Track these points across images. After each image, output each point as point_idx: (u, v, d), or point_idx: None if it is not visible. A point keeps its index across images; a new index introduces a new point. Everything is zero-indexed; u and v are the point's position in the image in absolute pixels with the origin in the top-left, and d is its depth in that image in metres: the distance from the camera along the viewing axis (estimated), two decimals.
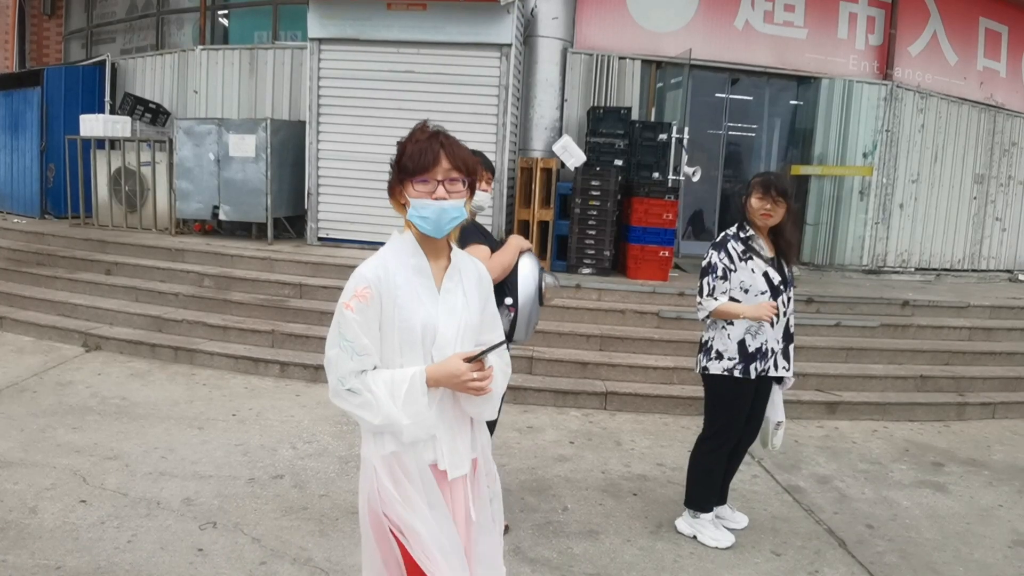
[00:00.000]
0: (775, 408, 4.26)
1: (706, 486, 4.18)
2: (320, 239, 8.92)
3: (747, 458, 5.49)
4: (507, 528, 4.08)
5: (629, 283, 7.73)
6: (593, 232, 7.86)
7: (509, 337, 3.37)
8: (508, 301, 3.39)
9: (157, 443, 5.00)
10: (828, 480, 5.21)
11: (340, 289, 7.15)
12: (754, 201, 3.88)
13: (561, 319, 7.16)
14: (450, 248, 2.29)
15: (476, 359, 2.10)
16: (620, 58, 9.24)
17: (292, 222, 9.44)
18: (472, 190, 2.25)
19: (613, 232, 7.95)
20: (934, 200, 10.49)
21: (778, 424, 4.32)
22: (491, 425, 3.52)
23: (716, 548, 4.07)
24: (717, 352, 4.00)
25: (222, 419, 5.56)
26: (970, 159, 10.85)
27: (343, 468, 4.79)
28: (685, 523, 4.23)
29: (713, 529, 4.16)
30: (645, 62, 9.41)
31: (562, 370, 6.59)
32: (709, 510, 4.18)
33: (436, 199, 2.12)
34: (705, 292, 3.97)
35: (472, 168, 2.22)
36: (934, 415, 6.82)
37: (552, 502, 4.49)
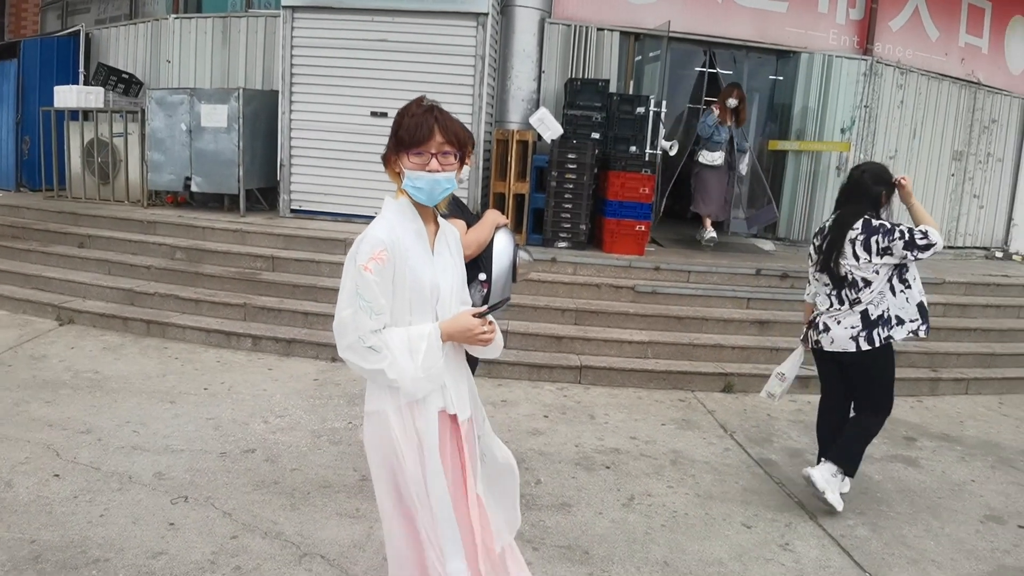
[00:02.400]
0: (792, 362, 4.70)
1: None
2: (293, 211, 8.79)
3: (720, 432, 5.53)
4: None
5: (605, 257, 7.69)
6: (569, 206, 7.79)
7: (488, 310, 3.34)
8: (482, 277, 3.42)
9: (129, 417, 4.94)
10: (800, 453, 5.23)
11: (313, 262, 7.08)
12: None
13: (536, 293, 7.11)
14: (436, 214, 2.45)
15: (484, 315, 2.34)
16: (598, 29, 9.12)
17: (265, 194, 9.29)
18: (463, 163, 2.40)
19: (589, 206, 7.89)
20: (912, 177, 10.42)
21: (781, 376, 4.74)
22: None
23: (830, 507, 4.25)
24: (898, 318, 4.25)
25: (194, 393, 5.48)
26: (949, 136, 10.84)
27: (315, 442, 4.73)
28: (828, 479, 4.27)
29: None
30: (624, 34, 9.29)
31: (537, 344, 6.55)
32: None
33: (430, 171, 2.28)
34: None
35: (464, 142, 2.37)
36: (907, 390, 6.85)
37: (525, 475, 4.45)
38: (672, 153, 8.50)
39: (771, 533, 4.04)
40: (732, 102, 8.38)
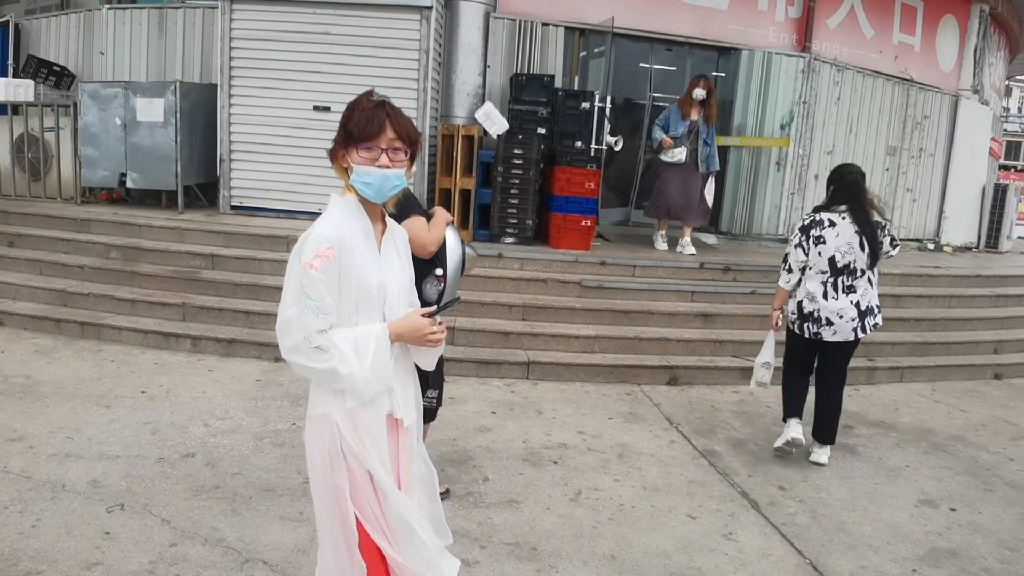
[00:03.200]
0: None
1: None
2: (233, 208, 8.59)
3: (665, 424, 5.60)
4: (446, 492, 4.07)
5: (551, 252, 7.70)
6: (516, 201, 7.78)
7: (438, 304, 3.36)
8: (439, 272, 3.51)
9: (63, 423, 4.76)
10: (743, 444, 5.32)
11: (254, 259, 6.92)
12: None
13: (484, 289, 7.09)
14: (384, 212, 2.39)
15: (433, 315, 2.28)
16: (544, 24, 9.12)
17: (205, 190, 9.07)
18: (413, 160, 2.32)
19: (536, 201, 7.89)
20: None
21: (767, 365, 5.23)
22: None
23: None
24: (878, 307, 5.04)
25: (131, 397, 5.32)
26: (883, 131, 11.15)
27: (257, 445, 4.64)
28: (828, 455, 5.11)
29: None
30: (568, 29, 9.31)
31: (484, 340, 6.53)
32: None
33: (379, 167, 2.20)
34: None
35: (415, 139, 2.29)
36: (846, 380, 7.03)
37: (472, 473, 4.45)
38: (617, 148, 8.55)
39: (715, 523, 4.10)
40: (699, 93, 7.97)
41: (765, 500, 4.45)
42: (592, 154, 8.17)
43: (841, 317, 4.86)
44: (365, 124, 2.20)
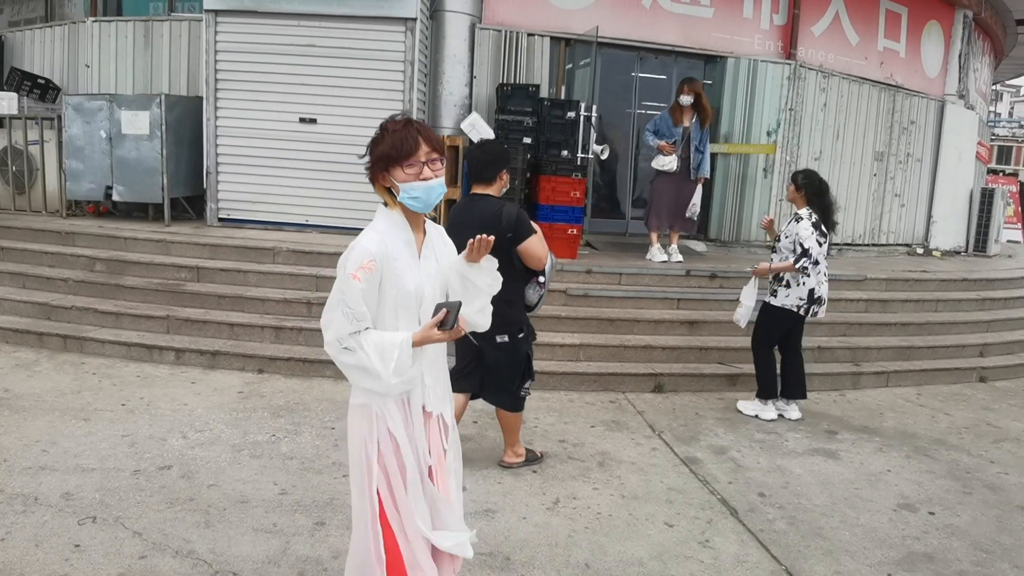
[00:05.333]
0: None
1: None
2: (220, 220, 8.60)
3: (648, 432, 5.60)
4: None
5: None
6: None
7: (535, 306, 4.48)
8: (540, 279, 4.33)
9: (39, 436, 4.76)
10: (725, 451, 5.32)
11: (240, 271, 6.97)
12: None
13: None
14: (425, 220, 2.60)
15: (442, 326, 2.41)
16: (529, 35, 9.15)
17: (192, 202, 9.07)
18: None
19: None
20: (835, 177, 10.75)
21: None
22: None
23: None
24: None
25: (110, 409, 5.32)
26: (870, 137, 11.19)
27: (235, 456, 4.63)
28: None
29: None
30: (554, 39, 9.34)
31: None
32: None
33: (423, 180, 2.42)
34: None
35: (443, 149, 2.51)
36: (830, 385, 7.06)
37: None
38: (603, 157, 8.57)
39: (692, 531, 4.09)
40: (685, 99, 7.92)
41: (744, 507, 4.45)
42: (578, 163, 8.19)
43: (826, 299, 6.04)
44: (401, 144, 2.39)
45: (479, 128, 8.04)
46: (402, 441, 2.47)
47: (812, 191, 5.88)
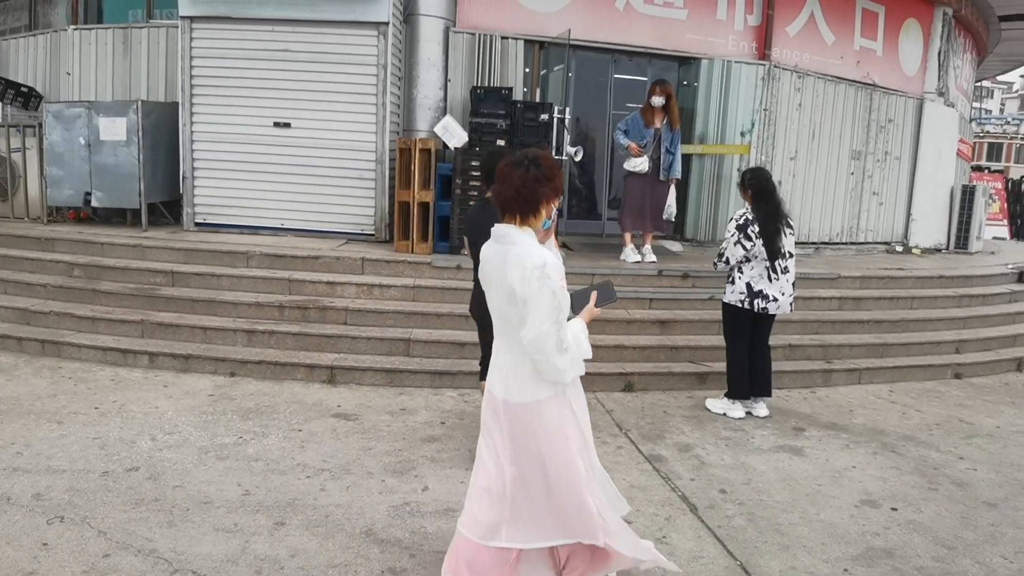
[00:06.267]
0: None
1: None
2: (197, 225, 8.64)
3: (615, 431, 5.65)
4: None
5: None
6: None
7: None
8: None
9: (14, 439, 4.82)
10: (690, 448, 5.37)
11: (213, 276, 7.02)
12: None
13: (441, 300, 7.15)
14: None
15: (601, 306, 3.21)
16: (503, 38, 9.20)
17: (170, 207, 9.11)
18: None
19: None
20: (812, 176, 10.86)
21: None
22: None
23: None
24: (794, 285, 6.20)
25: (84, 412, 5.37)
26: (847, 136, 11.26)
27: (201, 458, 4.67)
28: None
29: None
30: (528, 42, 9.39)
31: (440, 351, 6.59)
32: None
33: (556, 206, 3.07)
34: None
35: None
36: (801, 382, 7.11)
37: (413, 483, 4.49)
38: (577, 159, 8.62)
39: (650, 528, 4.13)
40: (657, 100, 7.97)
41: (704, 503, 4.50)
42: None
43: (783, 294, 6.02)
44: (562, 182, 3.03)
45: (452, 131, 8.09)
46: (583, 417, 3.08)
47: (757, 192, 5.92)
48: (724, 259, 5.96)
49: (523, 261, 2.80)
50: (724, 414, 6.12)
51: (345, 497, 4.25)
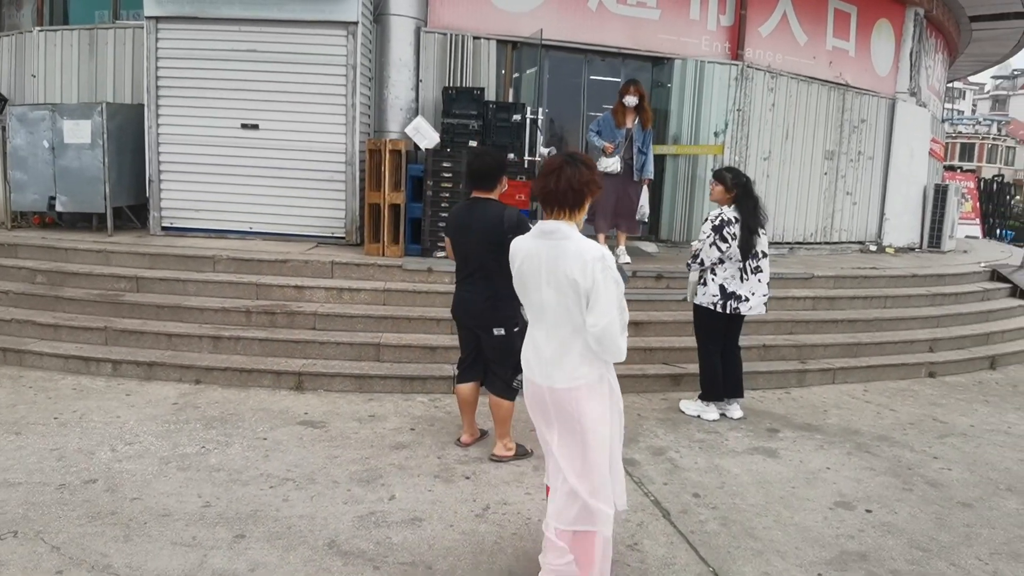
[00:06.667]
0: None
1: None
2: (164, 229, 8.47)
3: None
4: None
5: None
6: (446, 215, 7.74)
7: None
8: None
9: None
10: (663, 451, 5.30)
11: (179, 281, 6.87)
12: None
13: (412, 304, 7.05)
14: None
15: None
16: (475, 38, 9.11)
17: (136, 211, 8.93)
18: None
19: None
20: (786, 177, 10.86)
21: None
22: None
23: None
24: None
25: (43, 423, 5.21)
26: (820, 136, 11.28)
27: (162, 469, 4.54)
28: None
29: None
30: (501, 42, 9.31)
31: (411, 356, 6.47)
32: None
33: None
34: None
35: None
36: (775, 383, 7.08)
37: (379, 492, 4.38)
38: None
39: (621, 534, 4.05)
40: (631, 100, 7.90)
41: (677, 508, 4.43)
42: (525, 166, 8.17)
43: (754, 294, 5.95)
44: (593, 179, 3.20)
45: (423, 132, 8.00)
46: (618, 395, 3.28)
47: (742, 190, 5.83)
48: (699, 261, 5.89)
49: (582, 255, 3.01)
50: (698, 416, 6.07)
51: (309, 507, 4.13)
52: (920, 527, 4.40)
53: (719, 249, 5.77)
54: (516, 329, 4.78)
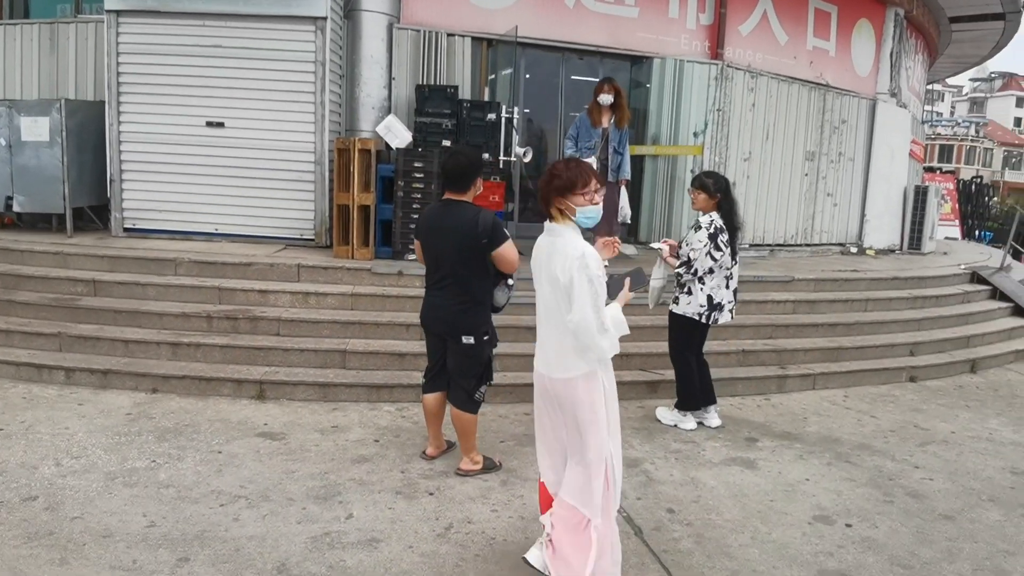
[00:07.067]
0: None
1: None
2: (126, 230, 8.17)
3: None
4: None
5: None
6: (418, 216, 7.51)
7: (502, 307, 4.77)
8: (510, 281, 4.69)
9: None
10: (638, 463, 5.11)
11: (138, 284, 6.57)
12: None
13: (381, 308, 6.81)
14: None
15: (634, 290, 3.61)
16: (449, 35, 8.89)
17: (99, 212, 8.63)
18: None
19: None
20: (766, 178, 10.71)
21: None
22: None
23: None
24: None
25: None
26: (801, 137, 11.14)
27: (107, 486, 4.29)
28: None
29: None
30: (476, 39, 9.09)
31: (378, 363, 6.24)
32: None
33: (594, 204, 3.29)
34: None
35: (603, 182, 3.55)
36: (755, 389, 6.91)
37: (336, 510, 4.15)
38: (526, 160, 8.35)
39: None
40: (605, 98, 7.76)
41: (650, 525, 4.24)
42: (500, 166, 7.96)
43: (728, 302, 5.83)
44: (577, 177, 3.25)
45: (395, 131, 7.77)
46: (612, 398, 3.36)
47: (724, 194, 5.62)
48: (692, 269, 5.62)
49: (566, 251, 3.17)
50: (675, 425, 5.88)
51: (260, 527, 3.90)
52: (901, 542, 4.24)
53: (713, 258, 5.56)
54: (486, 337, 4.60)
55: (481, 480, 4.65)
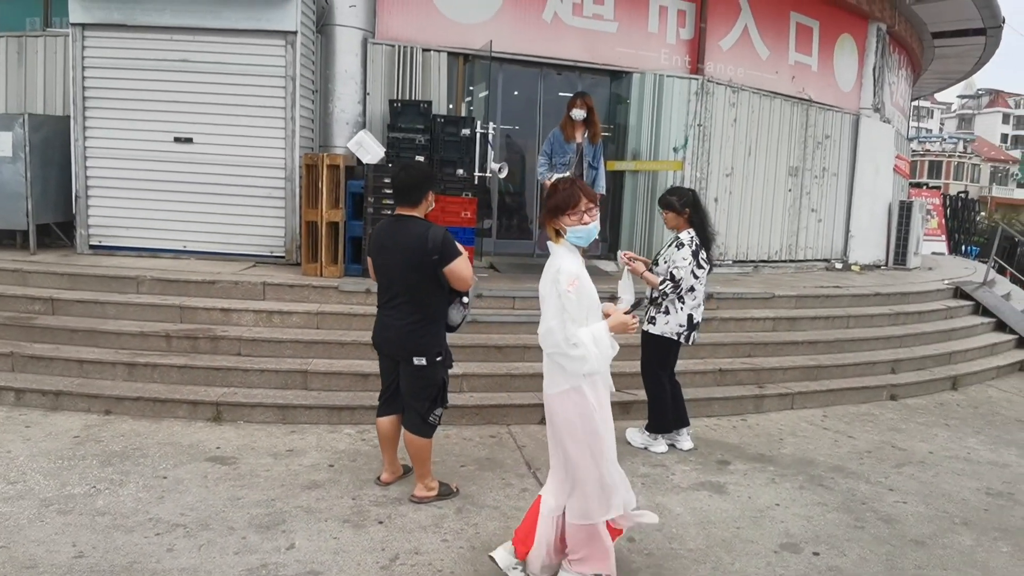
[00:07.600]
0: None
1: None
2: (92, 247, 8.01)
3: (522, 470, 5.20)
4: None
5: None
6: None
7: (457, 326, 4.57)
8: (464, 300, 4.50)
9: None
10: None
11: (98, 303, 6.41)
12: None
13: (347, 327, 6.65)
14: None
15: (631, 312, 3.58)
16: (425, 50, 8.78)
17: (66, 229, 8.46)
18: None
19: None
20: (749, 193, 10.60)
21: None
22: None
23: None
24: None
25: None
26: (784, 152, 11.05)
27: (40, 513, 4.10)
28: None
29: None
30: (452, 54, 8.98)
31: (341, 383, 6.07)
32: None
33: (584, 224, 3.40)
34: None
35: (596, 199, 3.63)
36: (731, 409, 6.76)
37: (278, 540, 3.96)
38: (502, 176, 8.22)
39: None
40: (578, 113, 7.65)
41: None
42: (475, 182, 7.83)
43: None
44: (568, 199, 3.37)
45: (367, 147, 7.64)
46: (603, 411, 3.42)
47: (693, 209, 5.50)
48: (678, 287, 5.47)
49: (548, 267, 3.38)
50: (646, 448, 5.72)
51: (194, 558, 3.71)
52: (869, 570, 4.08)
53: (695, 275, 5.45)
54: (439, 358, 4.42)
55: (435, 507, 4.47)
